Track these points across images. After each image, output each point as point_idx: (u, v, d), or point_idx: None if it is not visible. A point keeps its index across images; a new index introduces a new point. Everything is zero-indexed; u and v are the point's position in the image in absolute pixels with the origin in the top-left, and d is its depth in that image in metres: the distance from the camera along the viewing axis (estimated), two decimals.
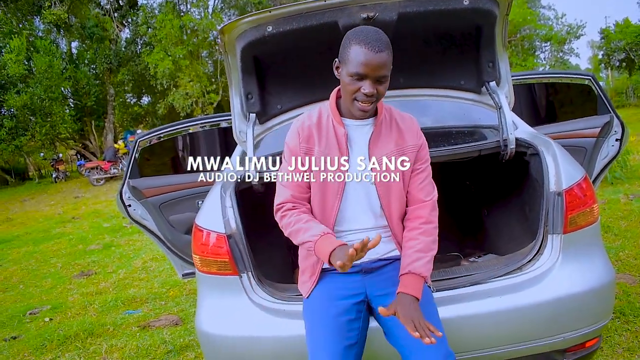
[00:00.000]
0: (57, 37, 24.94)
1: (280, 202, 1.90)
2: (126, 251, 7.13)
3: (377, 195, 1.87)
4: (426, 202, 1.90)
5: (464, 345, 1.97)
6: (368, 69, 1.66)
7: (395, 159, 1.86)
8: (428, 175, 1.95)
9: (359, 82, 1.70)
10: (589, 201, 2.16)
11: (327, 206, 1.88)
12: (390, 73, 1.74)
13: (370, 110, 1.78)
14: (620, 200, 6.33)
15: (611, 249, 4.46)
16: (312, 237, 1.74)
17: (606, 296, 2.13)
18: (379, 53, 1.66)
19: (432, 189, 1.94)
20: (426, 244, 1.83)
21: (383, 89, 1.74)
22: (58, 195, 16.89)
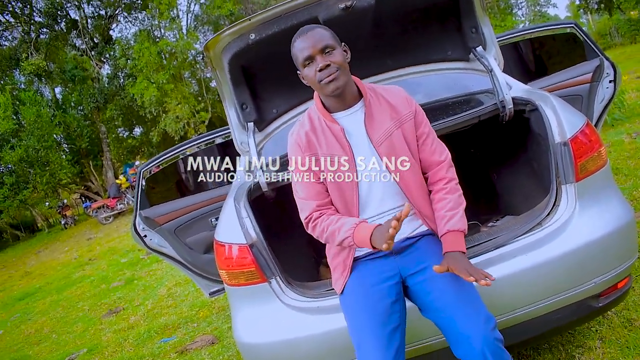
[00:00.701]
0: (39, 86, 25.01)
1: (307, 215, 1.94)
2: (149, 282, 7.16)
3: (389, 172, 1.89)
4: (442, 162, 1.95)
5: (501, 307, 1.98)
6: (309, 47, 1.79)
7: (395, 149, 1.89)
8: (434, 136, 1.98)
9: (312, 64, 1.79)
10: (595, 145, 2.16)
11: (347, 200, 1.92)
12: (336, 44, 1.82)
13: (340, 83, 1.79)
14: (624, 141, 6.31)
15: (624, 190, 4.45)
16: (348, 232, 1.78)
17: (629, 235, 2.14)
18: (310, 32, 1.82)
19: (443, 148, 1.99)
20: (454, 200, 1.89)
21: (336, 58, 1.79)
22: (71, 241, 16.95)
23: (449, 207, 1.88)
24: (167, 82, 21.50)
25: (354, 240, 1.77)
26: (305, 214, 1.94)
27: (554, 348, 2.51)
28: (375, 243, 1.67)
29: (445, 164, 1.96)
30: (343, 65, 1.80)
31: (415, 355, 2.01)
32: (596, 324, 2.62)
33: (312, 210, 1.92)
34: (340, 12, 2.21)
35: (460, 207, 1.90)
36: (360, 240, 1.75)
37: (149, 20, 23.73)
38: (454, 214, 1.86)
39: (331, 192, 1.93)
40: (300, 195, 1.96)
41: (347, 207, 1.92)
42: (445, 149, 1.99)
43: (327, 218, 1.89)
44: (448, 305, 1.72)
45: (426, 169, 1.99)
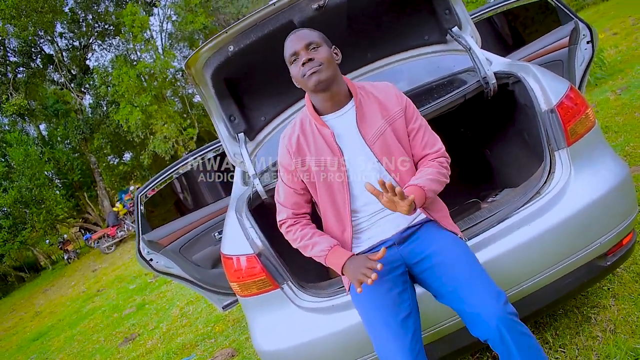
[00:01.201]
0: (24, 125, 24.89)
1: (282, 219, 2.04)
2: (160, 305, 7.15)
3: (385, 170, 1.91)
4: (434, 153, 1.96)
5: (511, 280, 2.00)
6: (294, 45, 1.85)
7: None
8: (426, 129, 1.99)
9: (297, 61, 1.84)
10: (581, 108, 2.19)
11: (338, 203, 1.94)
12: (323, 43, 1.85)
13: (322, 77, 1.81)
14: (609, 98, 6.35)
15: (616, 147, 4.49)
16: (322, 253, 1.89)
17: (627, 190, 2.16)
18: (298, 31, 1.88)
19: (435, 140, 1.99)
20: (431, 171, 1.87)
21: (320, 54, 1.82)
22: (76, 275, 16.88)
23: (420, 172, 1.89)
24: (150, 103, 21.43)
25: (326, 262, 1.88)
26: (281, 217, 2.05)
27: (569, 312, 2.54)
28: (348, 274, 1.79)
29: (437, 154, 1.97)
30: (328, 61, 1.82)
31: (434, 340, 2.03)
32: (607, 283, 2.64)
33: (287, 216, 2.03)
34: (313, 12, 2.23)
35: (433, 175, 1.85)
36: (332, 264, 1.86)
37: (124, 44, 23.64)
38: (420, 176, 1.85)
39: (321, 196, 1.96)
40: (280, 200, 2.06)
41: (339, 213, 1.95)
42: (438, 141, 2.00)
43: (301, 229, 1.98)
44: (458, 288, 1.74)
45: (419, 161, 2.00)
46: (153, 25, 24.27)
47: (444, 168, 1.94)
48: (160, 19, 24.72)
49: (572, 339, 2.35)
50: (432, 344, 2.03)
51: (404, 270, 1.92)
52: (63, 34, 24.08)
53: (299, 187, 2.00)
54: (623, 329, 2.28)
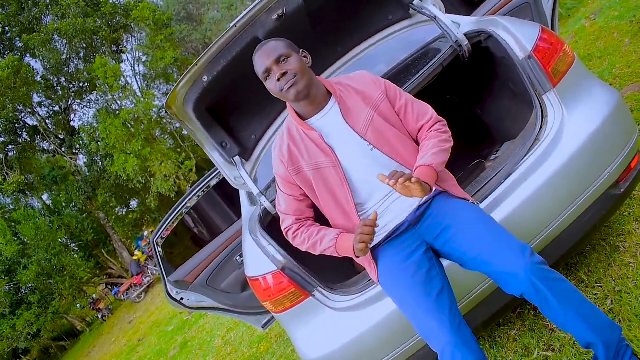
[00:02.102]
0: (27, 200, 25.04)
1: (286, 227, 2.05)
2: (202, 339, 7.19)
3: (385, 155, 1.92)
4: (428, 121, 1.98)
5: (532, 231, 2.01)
6: (264, 61, 1.84)
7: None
8: (412, 102, 2.01)
9: (271, 76, 1.85)
10: (558, 47, 2.19)
11: (342, 200, 1.95)
12: (291, 52, 1.86)
13: (300, 88, 1.83)
14: (585, 26, 6.32)
15: (603, 72, 4.48)
16: (331, 243, 1.90)
17: (622, 115, 2.17)
18: (264, 47, 1.87)
19: (425, 109, 2.01)
20: (433, 143, 1.89)
21: (292, 65, 1.84)
22: (114, 331, 16.96)
23: (426, 148, 1.90)
24: (143, 147, 21.48)
25: (337, 251, 1.90)
26: (286, 225, 2.06)
27: (597, 246, 2.54)
28: (357, 252, 1.80)
29: (429, 123, 1.98)
30: (301, 70, 1.84)
31: (472, 307, 2.05)
32: (627, 208, 2.65)
33: (291, 222, 2.03)
34: (275, 23, 2.25)
35: (437, 147, 1.87)
36: (343, 250, 1.88)
37: (103, 97, 23.68)
38: (426, 153, 1.87)
39: (323, 199, 1.97)
40: (281, 208, 2.07)
41: (344, 210, 1.96)
42: (428, 109, 2.01)
43: (307, 230, 2.00)
44: (482, 252, 1.75)
45: (417, 135, 2.03)
46: (125, 71, 24.30)
47: (444, 133, 1.95)
48: (131, 63, 24.78)
49: (605, 272, 2.36)
50: (470, 312, 2.05)
51: (426, 248, 1.93)
52: (41, 102, 24.20)
53: (298, 194, 2.01)
54: None
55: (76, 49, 22.87)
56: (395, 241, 1.97)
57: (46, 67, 22.60)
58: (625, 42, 4.78)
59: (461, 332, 1.71)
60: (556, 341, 2.19)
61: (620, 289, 2.21)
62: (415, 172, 1.82)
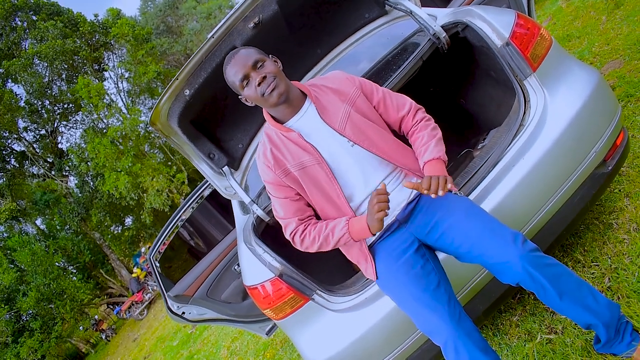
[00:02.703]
0: (20, 227, 24.88)
1: (292, 231, 1.99)
2: (208, 351, 7.17)
3: (365, 150, 1.91)
4: (408, 112, 2.01)
5: (523, 218, 2.03)
6: (240, 69, 1.84)
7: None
8: (390, 95, 2.03)
9: (250, 82, 1.84)
10: (534, 31, 2.20)
11: (333, 198, 1.94)
12: (265, 57, 1.87)
13: (282, 89, 1.84)
14: (562, 7, 6.35)
15: (583, 51, 4.51)
16: (343, 230, 1.86)
17: (603, 94, 2.18)
18: (236, 55, 1.87)
19: (403, 100, 2.04)
20: (427, 134, 1.95)
21: (269, 69, 1.84)
22: (120, 350, 16.88)
23: (422, 142, 1.94)
24: (133, 164, 21.40)
25: (350, 236, 1.86)
26: (290, 229, 1.99)
27: (590, 225, 2.56)
28: (374, 228, 1.77)
29: (411, 112, 2.01)
30: (278, 73, 1.85)
31: (472, 297, 2.06)
32: (617, 185, 2.67)
33: (296, 225, 1.98)
34: (252, 31, 2.25)
35: (434, 138, 1.93)
36: (356, 233, 1.84)
37: (88, 117, 23.57)
38: (427, 147, 1.91)
39: (313, 196, 1.96)
40: (280, 215, 2.02)
41: (335, 205, 1.95)
42: (406, 100, 2.04)
43: (314, 228, 1.95)
44: (474, 244, 1.76)
45: (399, 126, 2.04)
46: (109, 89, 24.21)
47: (429, 121, 2.01)
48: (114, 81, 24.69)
49: (601, 250, 2.37)
50: (470, 302, 2.06)
51: (418, 245, 1.93)
52: (27, 127, 24.06)
53: (293, 194, 1.99)
54: None
55: (58, 71, 22.75)
56: (387, 240, 1.97)
57: (29, 91, 22.48)
58: (602, 19, 4.82)
59: (462, 323, 1.72)
60: (558, 323, 2.20)
61: (616, 266, 2.22)
62: (425, 168, 1.87)
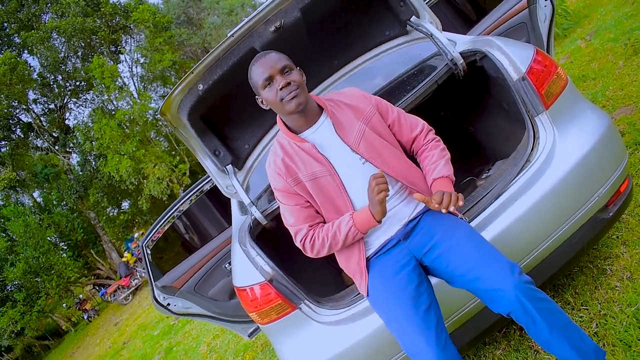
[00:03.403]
0: (17, 197, 24.88)
1: (303, 237, 1.97)
2: (188, 345, 7.14)
3: (376, 168, 1.92)
4: (420, 133, 2.04)
5: (521, 251, 2.02)
6: (268, 69, 1.85)
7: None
8: (404, 115, 2.06)
9: (273, 85, 1.85)
10: (551, 69, 2.21)
11: (342, 206, 1.95)
12: (293, 66, 1.88)
13: (302, 100, 1.85)
14: (581, 47, 6.37)
15: (596, 93, 4.51)
16: (348, 225, 1.87)
17: (612, 139, 2.19)
18: (267, 55, 1.88)
19: (416, 121, 2.07)
20: (437, 154, 1.99)
21: (295, 77, 1.86)
22: (100, 332, 16.82)
23: (432, 160, 1.98)
24: (137, 149, 21.41)
25: (357, 228, 1.86)
26: (300, 236, 1.98)
27: (584, 268, 2.55)
28: (375, 212, 1.80)
29: (423, 132, 2.04)
30: (302, 84, 1.87)
31: (458, 326, 2.05)
32: (615, 231, 2.66)
33: (306, 231, 1.97)
34: (272, 35, 2.25)
35: (443, 158, 1.98)
36: (361, 224, 1.85)
37: (99, 97, 23.64)
38: (436, 165, 1.95)
39: (323, 206, 1.96)
40: (290, 222, 2.00)
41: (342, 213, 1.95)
42: (419, 121, 2.07)
43: (322, 230, 1.95)
44: (470, 269, 1.76)
45: (411, 146, 2.07)
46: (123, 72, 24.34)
47: (440, 143, 2.05)
48: (129, 65, 24.77)
49: (592, 295, 2.37)
50: (456, 331, 2.05)
51: (416, 264, 1.93)
52: (37, 100, 24.11)
53: (303, 201, 1.98)
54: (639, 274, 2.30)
55: (74, 48, 22.84)
56: (385, 255, 1.97)
57: (43, 64, 22.55)
58: (619, 64, 4.83)
59: (447, 350, 1.72)
60: None
61: (605, 313, 2.22)
62: (434, 185, 1.90)
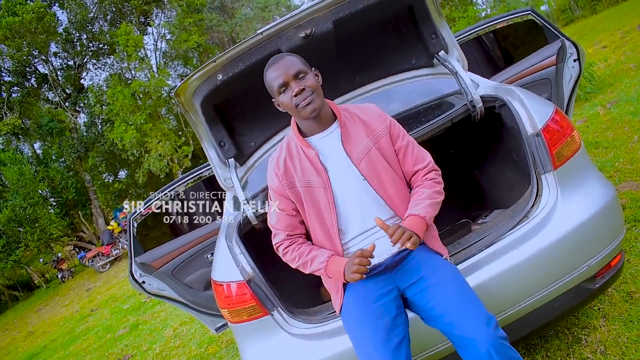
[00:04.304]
0: (18, 144, 24.87)
1: (278, 242, 2.04)
2: (154, 325, 7.09)
3: (372, 188, 1.92)
4: (424, 167, 2.01)
5: (500, 305, 2.01)
6: (282, 75, 1.85)
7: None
8: (413, 145, 2.03)
9: (288, 91, 1.85)
10: (567, 131, 2.21)
11: (327, 224, 1.95)
12: (308, 69, 1.88)
13: (316, 105, 1.86)
14: (599, 113, 6.39)
15: (606, 162, 4.52)
16: (321, 265, 1.90)
17: (613, 213, 2.17)
18: (281, 60, 1.88)
19: (424, 154, 2.04)
20: (428, 193, 1.93)
21: (310, 82, 1.86)
22: (70, 294, 16.74)
23: (419, 197, 1.93)
24: (145, 122, 21.44)
25: (326, 273, 1.89)
26: (277, 240, 2.05)
27: (560, 333, 2.54)
28: (348, 277, 1.81)
29: (426, 169, 2.01)
30: (317, 88, 1.87)
31: None
32: (597, 302, 2.65)
33: (283, 238, 2.02)
34: (301, 40, 2.26)
35: (430, 199, 1.91)
36: (332, 272, 1.88)
37: (118, 63, 23.72)
38: (419, 202, 1.91)
39: (310, 217, 1.97)
40: (272, 223, 2.07)
41: (327, 233, 1.96)
42: (427, 157, 2.04)
43: (298, 248, 1.99)
44: (448, 311, 1.75)
45: (410, 178, 2.04)
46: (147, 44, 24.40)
47: (437, 184, 1.98)
48: (154, 38, 24.87)
49: None
50: None
51: (397, 294, 1.92)
52: (57, 53, 24.18)
53: (290, 209, 2.01)
54: (613, 350, 2.28)
55: (105, 11, 22.95)
56: (369, 280, 1.95)
57: (71, 20, 22.64)
58: (634, 138, 4.84)
59: None
60: None
61: None
62: (407, 220, 1.85)
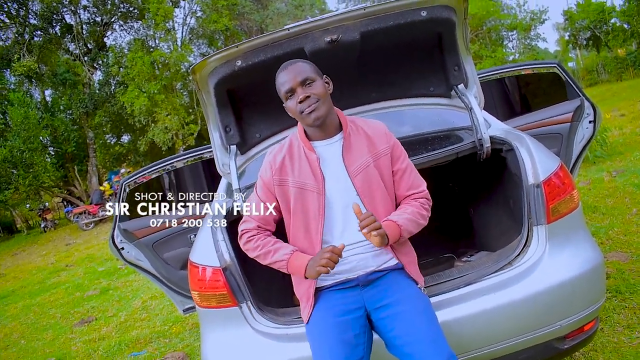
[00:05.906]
0: (29, 88, 24.85)
1: (245, 229, 2.03)
2: (124, 293, 7.08)
3: (362, 204, 1.91)
4: (418, 193, 2.00)
5: (465, 345, 2.00)
6: (289, 81, 1.86)
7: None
8: (412, 171, 2.02)
9: (294, 96, 1.86)
10: (567, 189, 2.21)
11: (311, 230, 1.94)
12: (317, 77, 1.89)
13: (320, 113, 1.85)
14: (604, 179, 6.42)
15: (601, 228, 4.53)
16: (284, 257, 1.90)
17: (597, 279, 2.17)
18: (290, 66, 1.90)
19: (420, 182, 2.03)
20: (412, 211, 1.93)
21: (316, 89, 1.86)
22: (49, 245, 16.71)
23: (402, 210, 1.94)
24: (158, 92, 21.47)
25: (287, 266, 1.89)
26: (244, 227, 2.04)
27: None
28: (310, 273, 1.82)
29: (419, 195, 2.00)
30: (323, 96, 1.86)
31: None
32: None
33: (252, 227, 2.01)
34: (326, 44, 2.26)
35: (413, 216, 1.91)
36: (294, 267, 1.88)
37: (144, 30, 23.78)
38: (401, 213, 1.91)
39: (295, 220, 1.97)
40: (248, 212, 2.06)
41: (310, 238, 1.95)
42: (423, 184, 2.03)
43: (264, 238, 1.99)
44: (410, 343, 1.73)
45: (400, 201, 2.03)
46: (177, 16, 24.55)
47: (425, 209, 1.97)
48: (185, 12, 24.93)
49: None
50: None
51: (363, 314, 1.91)
52: (87, 7, 24.24)
53: (270, 203, 2.01)
54: None
55: None
56: (338, 293, 1.95)
57: None
58: (632, 210, 4.85)
59: None
60: None
61: None
62: (383, 223, 1.84)
